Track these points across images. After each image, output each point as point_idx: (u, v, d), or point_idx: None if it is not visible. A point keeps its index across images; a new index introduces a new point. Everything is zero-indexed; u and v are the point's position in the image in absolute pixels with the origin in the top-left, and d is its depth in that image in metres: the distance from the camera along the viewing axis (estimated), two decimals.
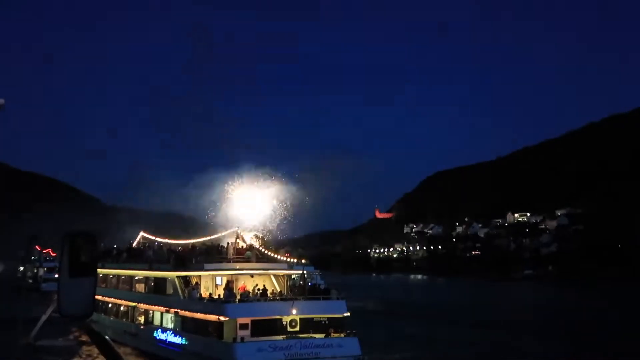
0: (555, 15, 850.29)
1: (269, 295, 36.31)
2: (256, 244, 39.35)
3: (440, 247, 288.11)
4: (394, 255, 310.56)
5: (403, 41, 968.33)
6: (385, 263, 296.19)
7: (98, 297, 51.42)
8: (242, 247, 39.46)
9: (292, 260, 38.87)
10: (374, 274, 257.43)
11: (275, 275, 39.17)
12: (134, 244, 52.17)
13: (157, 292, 41.07)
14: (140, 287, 45.11)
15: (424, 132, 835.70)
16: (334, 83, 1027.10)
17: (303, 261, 38.77)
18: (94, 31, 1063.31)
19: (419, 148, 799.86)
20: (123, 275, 48.42)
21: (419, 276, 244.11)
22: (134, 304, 44.19)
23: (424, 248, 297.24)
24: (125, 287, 47.62)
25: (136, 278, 45.94)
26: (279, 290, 38.20)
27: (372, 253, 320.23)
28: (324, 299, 35.58)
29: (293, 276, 38.29)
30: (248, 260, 37.99)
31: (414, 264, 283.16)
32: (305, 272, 36.80)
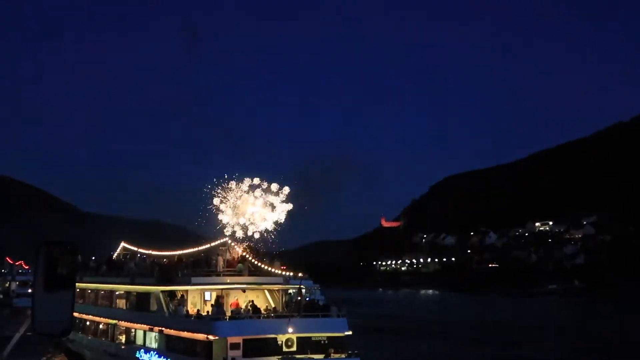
0: (579, 11, 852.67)
1: (262, 312, 36.56)
2: (249, 256, 39.56)
3: (453, 259, 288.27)
4: (403, 268, 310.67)
5: (411, 35, 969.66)
6: (392, 276, 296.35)
7: (75, 313, 51.56)
8: (233, 259, 39.69)
9: (288, 273, 39.13)
10: (380, 289, 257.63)
11: (269, 290, 39.43)
12: (114, 256, 52.41)
13: (140, 308, 41.27)
14: (121, 303, 45.33)
15: (434, 131, 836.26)
16: (336, 79, 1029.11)
17: (300, 275, 39.02)
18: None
19: (428, 149, 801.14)
20: (102, 290, 48.63)
21: (430, 291, 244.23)
22: (114, 321, 44.41)
23: (436, 260, 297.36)
24: (105, 303, 47.83)
25: (117, 293, 46.15)
26: (273, 306, 38.45)
27: (378, 266, 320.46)
28: (323, 316, 35.79)
29: (289, 291, 38.54)
30: (240, 274, 38.20)
31: (425, 277, 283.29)
32: (302, 286, 37.03)
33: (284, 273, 39.12)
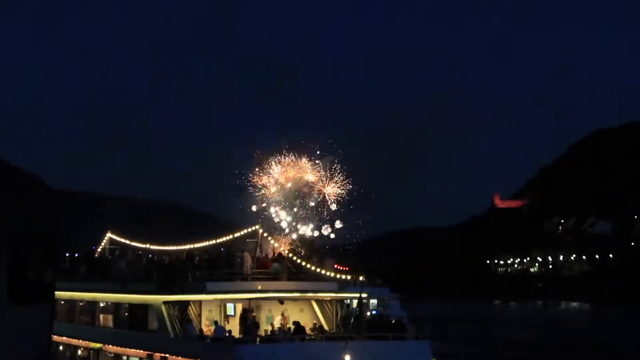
0: None
1: (308, 331, 37.80)
2: (288, 252, 40.51)
3: (611, 255, 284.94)
4: (532, 270, 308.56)
5: None
6: (516, 282, 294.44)
7: None
8: (267, 256, 40.93)
9: (345, 276, 40.02)
10: (496, 301, 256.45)
11: (318, 301, 40.70)
12: (98, 251, 53.87)
13: (134, 326, 42.77)
14: (108, 319, 46.92)
15: (574, 64, 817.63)
16: None
17: (362, 278, 39.91)
18: None
19: (564, 94, 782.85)
20: (80, 301, 50.32)
21: (575, 304, 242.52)
22: (98, 345, 46.04)
23: (583, 257, 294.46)
24: (85, 319, 49.47)
25: (101, 305, 47.70)
26: (324, 324, 39.74)
27: (493, 265, 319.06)
28: (395, 338, 36.91)
29: (353, 302, 39.50)
30: (276, 278, 39.36)
31: (566, 284, 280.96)
32: (365, 295, 38.02)
33: (339, 276, 39.92)
